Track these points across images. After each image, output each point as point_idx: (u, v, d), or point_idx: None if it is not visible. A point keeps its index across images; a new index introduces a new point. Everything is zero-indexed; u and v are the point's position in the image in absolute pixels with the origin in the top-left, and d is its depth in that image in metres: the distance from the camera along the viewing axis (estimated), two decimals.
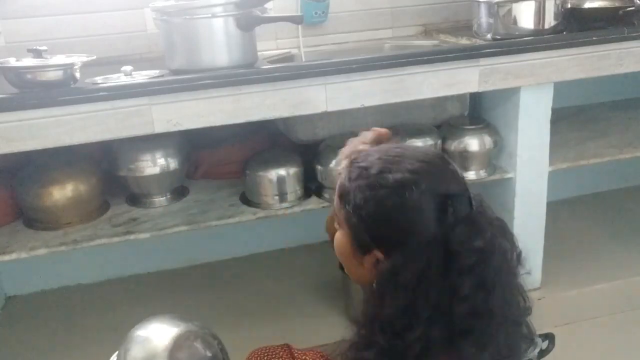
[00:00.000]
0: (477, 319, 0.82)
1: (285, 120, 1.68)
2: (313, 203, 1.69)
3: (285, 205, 1.66)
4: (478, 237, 0.82)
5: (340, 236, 0.92)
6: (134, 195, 1.72)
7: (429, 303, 0.81)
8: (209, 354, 1.11)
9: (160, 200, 1.69)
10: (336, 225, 0.94)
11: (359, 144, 1.07)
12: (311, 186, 1.74)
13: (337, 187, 0.92)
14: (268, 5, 1.50)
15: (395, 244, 0.84)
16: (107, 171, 1.69)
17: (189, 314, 1.91)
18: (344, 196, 0.89)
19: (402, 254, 0.82)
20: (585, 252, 2.11)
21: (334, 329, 1.34)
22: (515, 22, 1.63)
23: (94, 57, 1.38)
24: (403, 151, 0.88)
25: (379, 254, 0.86)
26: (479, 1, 1.68)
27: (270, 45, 1.92)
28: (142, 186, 1.67)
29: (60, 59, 1.34)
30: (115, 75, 1.43)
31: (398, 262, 0.82)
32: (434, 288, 0.81)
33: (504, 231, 0.87)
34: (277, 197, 1.66)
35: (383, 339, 0.83)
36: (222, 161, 1.87)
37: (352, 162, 0.90)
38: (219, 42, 1.42)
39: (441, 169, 0.87)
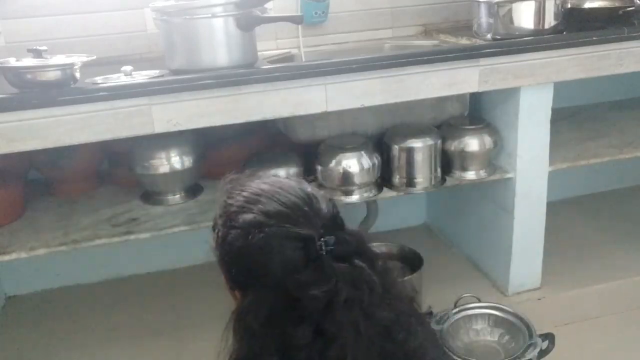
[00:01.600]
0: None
1: (285, 120, 1.68)
2: None
3: None
4: (318, 285, 0.79)
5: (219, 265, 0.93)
6: (148, 193, 1.72)
7: (276, 349, 0.80)
8: None
9: (174, 198, 1.69)
10: None
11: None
12: None
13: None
14: (268, 5, 1.50)
15: (247, 286, 0.84)
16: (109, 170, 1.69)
17: (189, 314, 1.92)
18: (212, 229, 0.91)
19: (251, 296, 0.83)
20: (585, 252, 2.11)
21: None
22: (515, 22, 1.63)
23: (94, 57, 1.38)
24: (267, 187, 0.88)
25: (237, 294, 0.88)
26: (479, 1, 1.68)
27: (270, 45, 1.92)
28: (156, 184, 1.67)
29: (60, 59, 1.34)
30: (115, 75, 1.43)
31: (246, 304, 0.83)
32: (278, 333, 0.79)
33: (357, 279, 0.82)
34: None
35: None
36: (222, 161, 1.87)
37: (225, 193, 0.91)
38: (219, 42, 1.42)
39: (296, 211, 0.85)
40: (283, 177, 0.94)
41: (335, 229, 0.86)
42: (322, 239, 0.82)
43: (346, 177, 1.64)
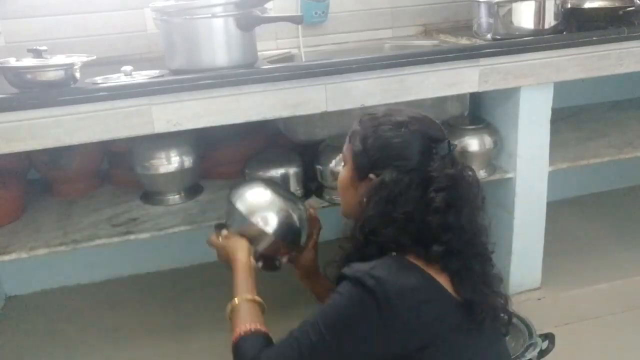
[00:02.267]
0: (448, 231, 1.01)
1: (285, 120, 1.68)
2: (313, 203, 1.68)
3: None
4: (451, 167, 1.05)
5: (343, 172, 1.16)
6: (148, 193, 1.72)
7: (405, 211, 1.02)
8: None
9: (174, 198, 1.69)
10: (341, 169, 1.18)
11: None
12: (311, 186, 1.74)
13: (348, 135, 1.15)
14: (268, 5, 1.50)
15: (388, 168, 1.05)
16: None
17: (189, 314, 1.92)
18: (353, 135, 1.13)
19: (391, 174, 1.04)
20: (585, 252, 2.11)
21: None
22: (515, 22, 1.63)
23: (94, 57, 1.38)
24: (401, 108, 1.14)
25: (373, 177, 1.08)
26: (479, 1, 1.68)
27: (270, 45, 1.92)
28: (156, 184, 1.67)
29: (60, 59, 1.34)
30: (115, 75, 1.43)
31: (386, 179, 1.04)
32: (411, 202, 1.02)
33: (472, 171, 1.09)
34: None
35: (361, 235, 1.06)
36: (222, 161, 1.87)
37: (362, 115, 1.14)
38: (219, 42, 1.42)
39: (430, 120, 1.12)
40: None
41: None
42: (451, 142, 1.09)
43: None
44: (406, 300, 0.97)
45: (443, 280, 1.01)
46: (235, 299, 1.20)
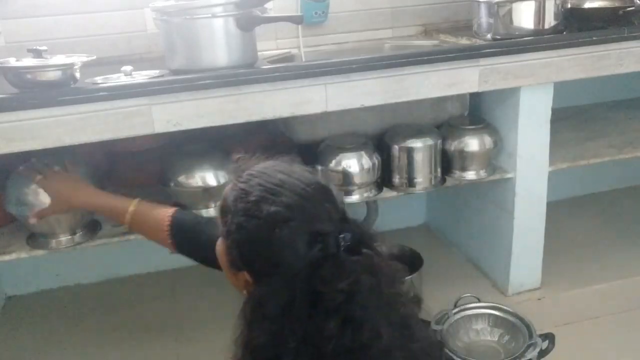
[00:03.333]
0: (349, 354, 0.83)
1: (285, 120, 1.68)
2: None
3: None
4: (342, 279, 0.83)
5: (220, 244, 0.95)
6: (178, 205, 1.65)
7: (296, 336, 0.83)
8: None
9: (209, 210, 1.61)
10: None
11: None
12: None
13: (222, 200, 0.94)
14: (268, 5, 1.50)
15: (263, 274, 0.87)
16: None
17: (189, 314, 1.92)
18: (223, 212, 0.92)
19: (268, 286, 0.85)
20: (585, 252, 2.11)
21: None
22: (515, 22, 1.63)
23: (94, 57, 1.38)
24: (285, 179, 0.89)
25: (248, 277, 0.90)
26: (479, 1, 1.68)
27: (270, 45, 1.92)
28: (189, 199, 1.61)
29: (60, 59, 1.34)
30: (115, 75, 1.43)
31: (264, 293, 0.86)
32: (299, 323, 0.83)
33: (381, 263, 0.89)
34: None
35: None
36: None
37: (237, 179, 0.92)
38: (219, 42, 1.42)
39: (317, 206, 0.88)
40: (294, 164, 0.96)
41: (345, 223, 0.90)
42: (341, 235, 0.87)
43: (346, 177, 1.64)
44: None
45: None
46: (128, 209, 1.21)
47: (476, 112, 1.88)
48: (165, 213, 1.17)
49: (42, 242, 1.50)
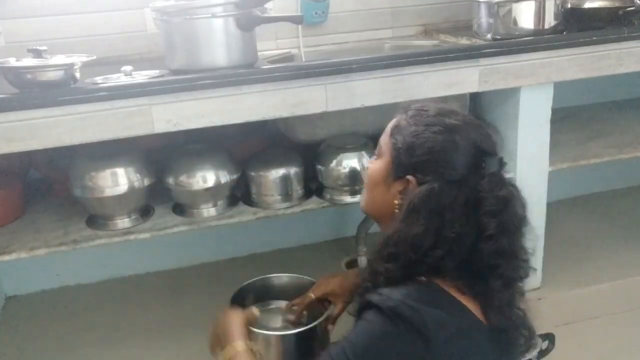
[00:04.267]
0: (502, 257, 0.96)
1: (285, 120, 1.68)
2: (313, 203, 1.69)
3: (285, 205, 1.66)
4: (502, 188, 0.97)
5: (376, 165, 1.07)
6: (179, 205, 1.67)
7: (454, 230, 0.94)
8: None
9: (209, 210, 1.64)
10: (371, 164, 1.10)
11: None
12: (311, 186, 1.74)
13: (389, 124, 1.08)
14: (268, 5, 1.50)
15: (433, 174, 0.97)
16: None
17: (189, 314, 1.92)
18: (396, 129, 1.04)
19: (438, 184, 0.96)
20: (585, 252, 2.11)
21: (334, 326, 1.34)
22: (515, 22, 1.63)
23: (94, 57, 1.38)
24: (456, 109, 1.03)
25: (412, 179, 0.99)
26: (479, 1, 1.68)
27: (270, 45, 1.92)
28: (190, 198, 1.63)
29: (60, 59, 1.34)
30: (115, 75, 1.43)
31: (434, 189, 0.95)
32: (459, 220, 0.95)
33: (519, 192, 1.02)
34: (277, 197, 1.66)
35: (410, 253, 0.95)
36: None
37: (410, 109, 1.05)
38: (219, 42, 1.42)
39: (484, 130, 1.03)
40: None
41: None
42: (500, 157, 1.01)
43: (347, 177, 1.64)
44: (446, 331, 0.90)
45: (473, 307, 0.96)
46: (232, 345, 1.09)
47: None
48: None
49: (101, 224, 1.58)
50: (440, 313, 0.91)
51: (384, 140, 1.07)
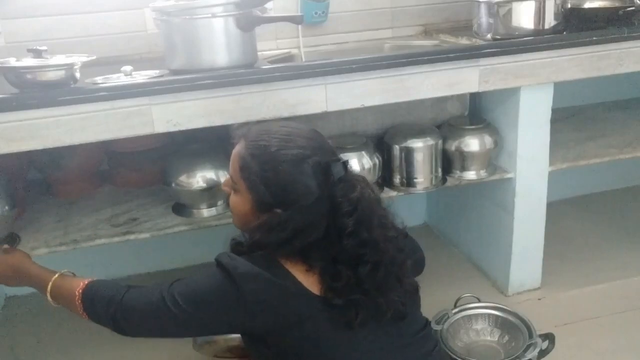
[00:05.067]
0: (365, 247, 1.05)
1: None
2: None
3: None
4: (353, 190, 1.07)
5: (238, 200, 1.13)
6: (179, 205, 1.67)
7: (316, 238, 1.05)
8: None
9: (209, 210, 1.64)
10: (227, 190, 1.17)
11: None
12: None
13: (234, 160, 1.12)
14: (268, 5, 1.51)
15: (294, 203, 1.06)
16: None
17: None
18: (245, 169, 1.09)
19: (299, 210, 1.05)
20: (585, 252, 2.11)
21: None
22: (515, 22, 1.63)
23: (94, 57, 1.38)
24: (290, 130, 1.11)
25: (279, 211, 1.07)
26: (479, 1, 1.68)
27: (270, 45, 1.92)
28: (190, 198, 1.62)
29: (60, 59, 1.34)
30: (115, 75, 1.43)
31: (295, 215, 1.05)
32: (321, 230, 1.05)
33: (367, 182, 1.12)
34: None
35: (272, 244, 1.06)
36: None
37: (250, 142, 1.10)
38: (219, 42, 1.42)
39: (322, 143, 1.11)
40: (280, 121, 1.20)
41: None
42: (345, 161, 1.12)
43: None
44: (259, 284, 1.02)
45: (311, 284, 1.06)
46: (48, 283, 1.23)
47: (476, 112, 1.88)
48: (79, 284, 1.18)
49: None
50: (254, 267, 1.03)
51: (236, 177, 1.12)
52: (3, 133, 1.29)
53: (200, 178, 1.58)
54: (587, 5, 1.79)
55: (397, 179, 1.72)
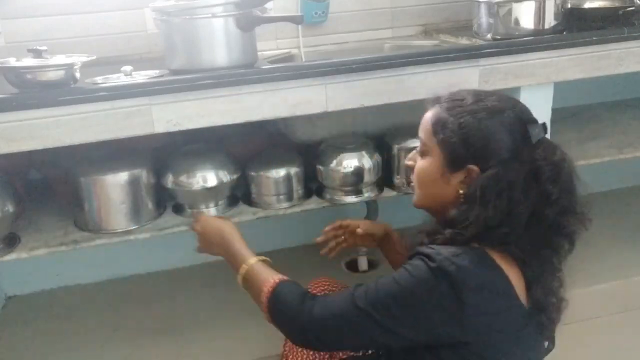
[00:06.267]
0: (565, 215, 1.04)
1: (285, 120, 1.68)
2: (313, 203, 1.69)
3: (285, 205, 1.66)
4: (555, 153, 1.03)
5: (426, 163, 1.10)
6: (179, 205, 1.67)
7: (522, 206, 0.99)
8: None
9: (209, 210, 1.63)
10: (411, 163, 1.15)
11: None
12: (312, 186, 1.74)
13: (427, 121, 1.09)
14: (268, 5, 1.51)
15: (492, 158, 1.01)
16: None
17: (189, 314, 1.92)
18: (439, 125, 1.06)
19: (500, 166, 1.00)
20: (585, 252, 2.10)
21: None
22: (515, 22, 1.63)
23: (94, 57, 1.38)
24: (485, 91, 1.09)
25: (475, 168, 1.03)
26: (479, 1, 1.68)
27: (270, 45, 1.92)
28: (190, 198, 1.63)
29: (60, 59, 1.34)
30: (115, 75, 1.43)
31: (499, 172, 1.00)
32: (525, 194, 0.99)
33: (565, 153, 1.06)
34: (277, 197, 1.66)
35: (479, 230, 0.99)
36: None
37: (444, 101, 1.08)
38: (219, 42, 1.42)
39: (519, 102, 1.09)
40: None
41: None
42: (544, 125, 1.06)
43: (347, 177, 1.64)
44: (483, 298, 0.95)
45: (517, 283, 1.00)
46: (244, 264, 1.17)
47: None
48: (270, 282, 1.10)
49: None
50: (484, 278, 0.95)
51: (427, 137, 1.09)
52: (3, 133, 1.29)
53: (200, 178, 1.58)
54: (587, 5, 1.79)
55: (397, 179, 1.72)
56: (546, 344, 1.12)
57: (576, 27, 1.69)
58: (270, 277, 1.12)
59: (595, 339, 1.77)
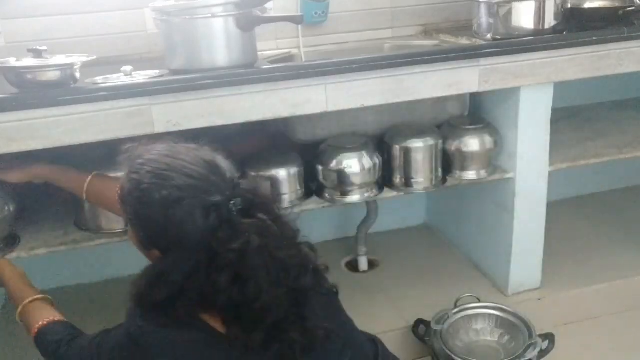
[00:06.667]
0: (236, 307, 0.94)
1: (285, 120, 1.68)
2: (313, 203, 1.69)
3: (285, 205, 1.66)
4: (235, 240, 0.93)
5: (130, 232, 1.08)
6: None
7: (194, 292, 0.94)
8: None
9: None
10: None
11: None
12: (312, 186, 1.74)
13: (119, 188, 1.04)
14: (268, 5, 1.51)
15: (168, 248, 0.97)
16: None
17: None
18: (122, 202, 1.02)
19: (173, 256, 0.96)
20: (585, 252, 2.11)
21: None
22: (515, 22, 1.63)
23: (94, 57, 1.39)
24: (172, 162, 0.98)
25: (157, 253, 1.01)
26: (479, 1, 1.68)
27: (270, 45, 1.92)
28: None
29: (60, 59, 1.34)
30: (115, 75, 1.43)
31: (169, 264, 0.96)
32: (198, 282, 0.94)
33: (262, 228, 0.97)
34: (277, 197, 1.66)
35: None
36: None
37: (127, 172, 1.01)
38: (219, 42, 1.42)
39: (204, 181, 0.97)
40: (178, 145, 1.04)
41: (236, 190, 1.00)
42: (231, 202, 0.96)
43: (347, 177, 1.64)
44: (167, 352, 0.98)
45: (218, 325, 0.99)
46: (20, 306, 1.29)
47: (476, 112, 1.88)
48: (37, 325, 1.23)
49: None
50: (167, 336, 0.97)
51: (120, 205, 1.06)
52: (3, 133, 1.29)
53: None
54: (587, 5, 1.79)
55: (397, 179, 1.72)
56: None
57: (576, 27, 1.69)
58: (35, 323, 1.24)
59: (595, 339, 1.77)
